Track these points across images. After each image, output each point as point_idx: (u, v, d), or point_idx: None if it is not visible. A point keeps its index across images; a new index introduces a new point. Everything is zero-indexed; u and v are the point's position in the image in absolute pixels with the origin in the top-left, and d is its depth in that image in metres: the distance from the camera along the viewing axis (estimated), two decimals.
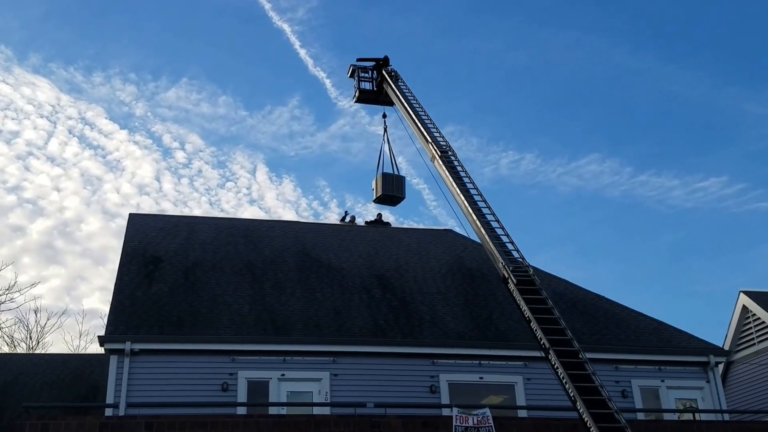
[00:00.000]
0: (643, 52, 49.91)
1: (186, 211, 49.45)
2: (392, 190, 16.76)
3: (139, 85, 53.67)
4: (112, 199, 53.45)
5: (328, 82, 49.95)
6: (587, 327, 16.35)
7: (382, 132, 18.52)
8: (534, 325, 10.32)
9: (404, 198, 17.03)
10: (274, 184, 56.94)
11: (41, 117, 51.32)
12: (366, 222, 21.36)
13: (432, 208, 52.27)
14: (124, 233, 18.68)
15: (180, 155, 55.34)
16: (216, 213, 51.43)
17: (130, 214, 19.53)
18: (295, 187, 57.53)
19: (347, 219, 21.84)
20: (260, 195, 56.23)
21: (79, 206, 52.25)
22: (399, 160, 18.08)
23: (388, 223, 21.02)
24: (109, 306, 15.23)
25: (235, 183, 56.35)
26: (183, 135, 55.37)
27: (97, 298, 49.21)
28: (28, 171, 50.29)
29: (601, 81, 51.07)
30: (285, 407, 13.74)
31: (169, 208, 52.22)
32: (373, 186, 17.28)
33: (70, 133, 52.73)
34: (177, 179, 55.55)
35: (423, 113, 15.20)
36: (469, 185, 12.94)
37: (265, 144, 56.61)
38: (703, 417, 14.90)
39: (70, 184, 52.34)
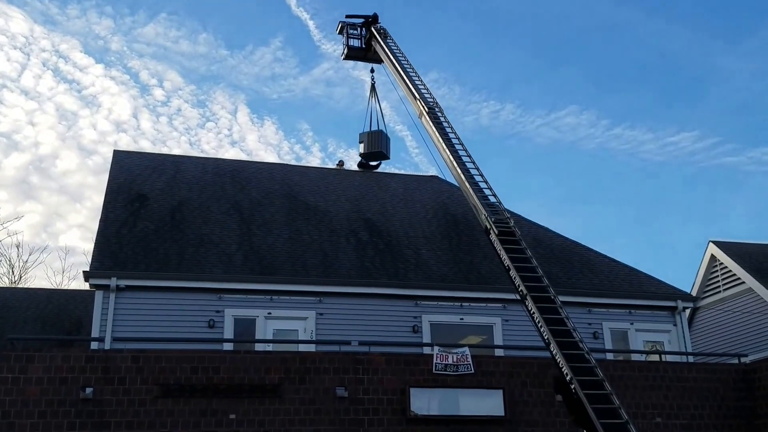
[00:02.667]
0: (626, 4, 49.53)
1: (165, 150, 49.02)
2: (386, 149, 18.32)
3: (116, 19, 52.14)
4: (88, 136, 52.69)
5: (311, 24, 48.96)
6: (563, 272, 16.96)
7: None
8: (513, 273, 10.81)
9: (389, 158, 18.93)
10: (256, 125, 56.40)
11: (14, 48, 49.84)
12: (358, 165, 21.21)
13: (414, 155, 52.50)
14: (101, 170, 18.89)
15: (158, 93, 54.36)
16: (197, 153, 51.04)
17: (114, 151, 19.47)
18: (277, 130, 57.06)
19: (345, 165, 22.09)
20: (241, 136, 55.73)
21: (54, 142, 51.45)
22: (383, 104, 19.01)
23: (379, 164, 20.86)
24: (88, 243, 15.49)
25: (216, 123, 55.71)
26: (161, 72, 54.20)
27: (74, 235, 49.10)
28: (2, 104, 49.19)
29: (584, 32, 50.84)
30: (271, 344, 14.21)
31: (148, 147, 51.67)
32: (362, 139, 18.54)
33: (44, 65, 51.40)
34: (155, 117, 54.75)
35: (411, 70, 15.42)
36: (455, 140, 13.32)
37: (246, 85, 55.77)
38: (669, 358, 15.73)
39: (45, 118, 51.37)
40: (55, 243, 52.46)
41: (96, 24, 50.92)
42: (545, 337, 10.19)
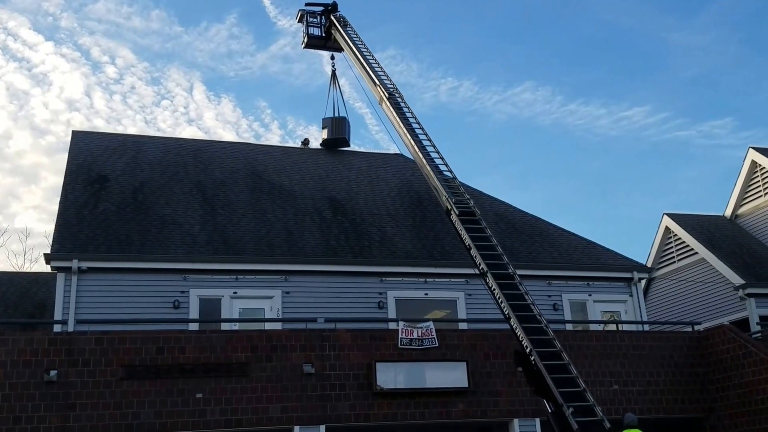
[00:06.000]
0: None
1: (120, 129, 48.03)
2: (348, 136, 19.47)
3: None
4: (40, 115, 51.34)
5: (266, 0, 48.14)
6: (524, 246, 17.32)
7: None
8: (474, 251, 11.08)
9: (349, 146, 20.29)
10: (213, 103, 55.47)
11: None
12: (321, 144, 21.08)
13: (374, 132, 52.49)
14: (55, 150, 18.62)
15: (111, 70, 53.02)
16: (153, 132, 50.19)
17: (73, 131, 19.08)
18: (235, 108, 56.21)
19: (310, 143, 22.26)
20: (198, 114, 54.86)
21: (6, 121, 50.03)
22: (342, 81, 19.72)
23: (345, 140, 20.77)
24: (44, 225, 15.29)
25: (171, 101, 54.68)
26: (113, 49, 52.74)
27: (31, 217, 48.05)
28: None
29: (538, 9, 51.03)
30: (237, 323, 14.27)
31: (102, 125, 50.65)
32: (325, 125, 19.45)
33: None
34: (109, 95, 53.48)
35: (371, 57, 15.63)
36: (414, 124, 13.55)
37: (202, 62, 54.67)
38: (625, 327, 16.28)
39: None
40: (11, 224, 51.26)
41: (45, 1, 49.37)
42: (505, 312, 10.49)
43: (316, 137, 21.27)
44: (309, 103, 56.27)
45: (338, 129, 19.86)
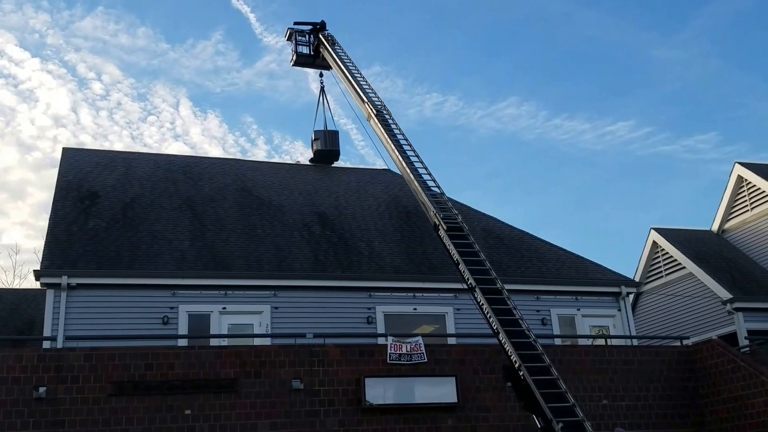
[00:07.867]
0: None
1: (107, 145, 48.02)
2: (337, 147, 19.97)
3: (53, 13, 50.77)
4: (27, 131, 51.27)
5: (252, 17, 48.49)
6: (513, 261, 17.42)
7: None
8: (462, 266, 11.15)
9: (338, 158, 20.71)
10: (199, 119, 55.61)
11: None
12: (310, 161, 21.25)
13: (360, 147, 52.73)
14: (41, 166, 18.64)
15: (97, 86, 53.08)
16: (140, 147, 50.19)
17: (63, 148, 19.14)
18: (221, 123, 56.33)
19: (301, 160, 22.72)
20: (185, 130, 54.97)
21: None
22: (329, 97, 20.21)
23: (337, 152, 20.97)
24: (32, 241, 15.31)
25: (158, 117, 54.77)
26: (99, 65, 52.80)
27: (18, 233, 47.76)
28: None
29: (522, 24, 51.61)
30: (226, 339, 14.25)
31: (89, 141, 50.61)
32: (317, 137, 19.76)
33: None
34: (95, 111, 53.51)
35: (359, 75, 15.86)
36: (402, 140, 13.70)
37: (188, 79, 54.85)
38: (614, 342, 16.33)
39: None
40: None
41: (32, 18, 49.50)
42: (494, 327, 10.54)
43: (302, 152, 21.64)
44: (294, 118, 56.62)
45: (330, 141, 20.19)
